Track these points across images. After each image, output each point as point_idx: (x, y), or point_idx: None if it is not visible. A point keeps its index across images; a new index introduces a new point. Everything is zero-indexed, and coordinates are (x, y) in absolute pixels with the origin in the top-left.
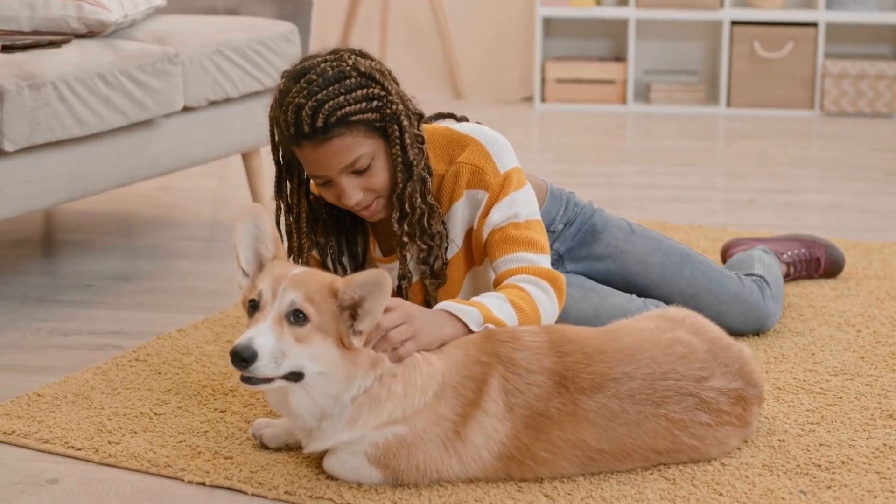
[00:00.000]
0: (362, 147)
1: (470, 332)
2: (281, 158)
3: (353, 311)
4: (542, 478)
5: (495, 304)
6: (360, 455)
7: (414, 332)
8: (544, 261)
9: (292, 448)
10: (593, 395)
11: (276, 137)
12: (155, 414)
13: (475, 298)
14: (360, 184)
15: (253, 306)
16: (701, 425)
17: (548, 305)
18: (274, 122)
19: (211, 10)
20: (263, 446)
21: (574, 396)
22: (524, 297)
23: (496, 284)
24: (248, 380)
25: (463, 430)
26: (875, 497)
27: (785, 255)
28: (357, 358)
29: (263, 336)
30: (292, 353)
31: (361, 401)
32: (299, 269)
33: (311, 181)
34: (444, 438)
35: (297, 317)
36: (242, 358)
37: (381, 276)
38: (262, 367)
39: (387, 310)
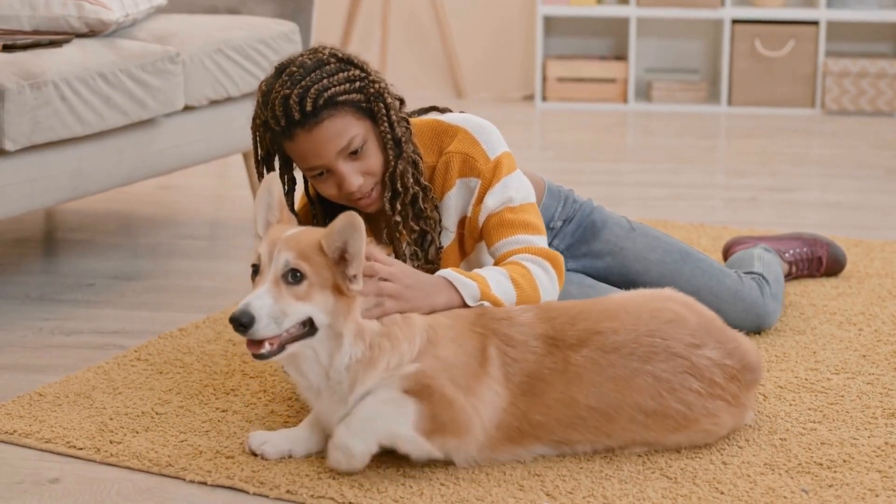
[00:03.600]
0: (353, 128)
1: (465, 304)
2: (266, 170)
3: (342, 261)
4: (548, 463)
5: (496, 278)
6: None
7: (398, 292)
8: (542, 241)
9: (294, 457)
10: (580, 349)
11: (260, 150)
12: (156, 413)
13: (478, 271)
14: (357, 168)
15: (255, 271)
16: (690, 391)
17: (548, 284)
18: (260, 128)
19: (212, 9)
20: (265, 459)
21: (564, 353)
22: (524, 275)
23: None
24: (258, 356)
25: (472, 384)
26: (877, 496)
27: (787, 254)
28: (351, 308)
29: (260, 299)
30: (293, 310)
31: (356, 368)
32: (294, 230)
33: (303, 187)
34: (456, 384)
35: (294, 276)
36: (241, 323)
37: (353, 216)
38: (261, 329)
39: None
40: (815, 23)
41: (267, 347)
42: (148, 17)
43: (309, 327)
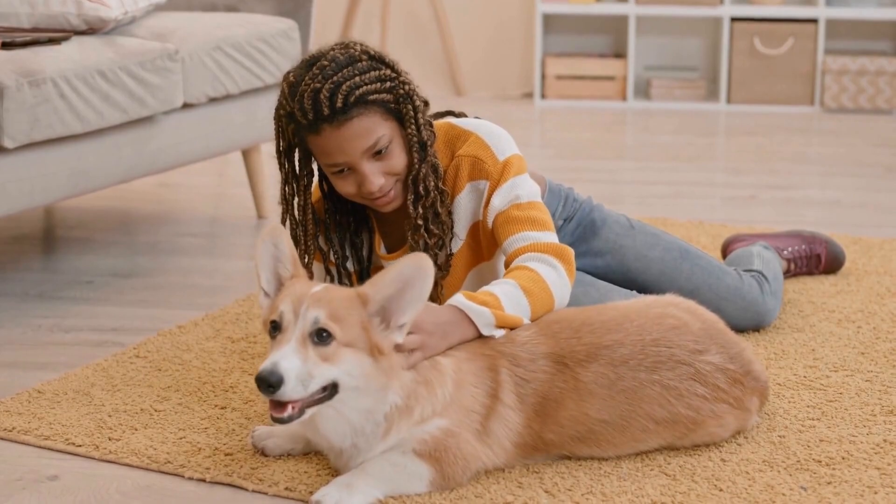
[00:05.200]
0: (381, 128)
1: (480, 334)
2: (286, 162)
3: (383, 315)
4: (547, 461)
5: (507, 293)
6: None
7: (422, 343)
8: (549, 237)
9: (294, 455)
10: (589, 365)
11: (282, 141)
12: (155, 410)
13: (487, 288)
14: (380, 168)
15: (274, 328)
16: (697, 396)
17: (558, 282)
18: (285, 119)
19: (211, 6)
20: (264, 454)
21: (574, 371)
22: (534, 279)
23: (507, 265)
24: (279, 420)
25: (486, 422)
26: (875, 493)
27: (786, 252)
28: (390, 367)
29: (288, 359)
30: (319, 372)
31: (393, 413)
32: (319, 287)
33: (317, 179)
34: (473, 431)
35: (320, 336)
36: (269, 383)
37: (424, 259)
38: (289, 391)
39: None
40: (814, 21)
41: (289, 411)
42: (147, 14)
43: (329, 390)
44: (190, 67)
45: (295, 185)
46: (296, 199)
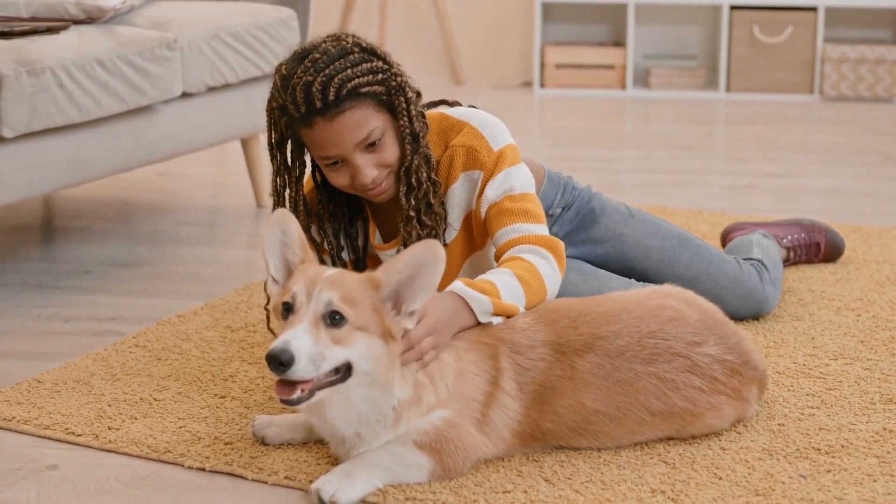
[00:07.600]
0: (373, 120)
1: (478, 322)
2: (279, 154)
3: (395, 301)
4: (547, 449)
5: (504, 281)
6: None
7: (437, 343)
8: (541, 229)
9: (294, 445)
10: (586, 355)
11: (274, 133)
12: (155, 400)
13: (486, 276)
14: (373, 160)
15: (287, 309)
16: (693, 389)
17: (550, 273)
18: (277, 111)
19: None
20: (264, 443)
21: (571, 360)
22: (529, 269)
23: (497, 257)
24: (287, 402)
25: (486, 410)
26: (875, 481)
27: (785, 240)
28: (399, 355)
29: (300, 339)
30: (331, 354)
31: (402, 405)
32: (333, 270)
33: (311, 170)
34: (474, 420)
35: (333, 318)
36: (280, 362)
37: (435, 246)
38: (300, 370)
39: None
40: (813, 9)
41: (298, 393)
42: (145, 3)
43: (343, 373)
44: (189, 56)
45: (286, 177)
46: (287, 191)
